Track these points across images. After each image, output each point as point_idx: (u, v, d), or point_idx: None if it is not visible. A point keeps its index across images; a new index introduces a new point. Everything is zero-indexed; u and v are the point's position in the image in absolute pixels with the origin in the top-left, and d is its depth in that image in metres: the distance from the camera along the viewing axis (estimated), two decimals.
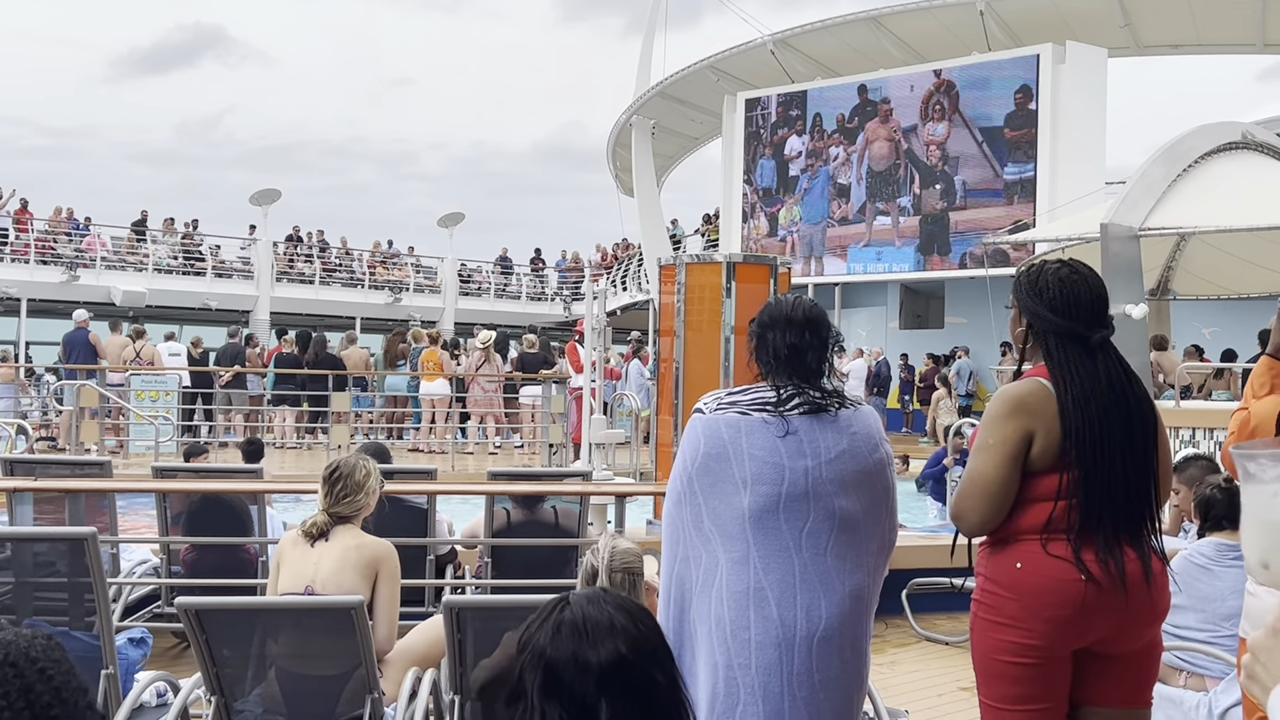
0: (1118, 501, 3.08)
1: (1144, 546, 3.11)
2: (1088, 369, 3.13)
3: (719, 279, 8.83)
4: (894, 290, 27.01)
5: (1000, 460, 3.11)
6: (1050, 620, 3.06)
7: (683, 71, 27.71)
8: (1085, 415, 3.08)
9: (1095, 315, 3.17)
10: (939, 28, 23.80)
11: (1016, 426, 3.12)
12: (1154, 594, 3.10)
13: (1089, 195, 18.05)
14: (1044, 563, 3.07)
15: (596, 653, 1.77)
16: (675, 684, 1.83)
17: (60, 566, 4.92)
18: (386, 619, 4.60)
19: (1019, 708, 3.13)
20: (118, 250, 30.94)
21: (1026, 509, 3.13)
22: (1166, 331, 16.00)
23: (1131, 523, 3.10)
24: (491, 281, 37.58)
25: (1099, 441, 3.07)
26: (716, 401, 3.31)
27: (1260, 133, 14.23)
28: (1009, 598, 3.11)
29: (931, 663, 7.18)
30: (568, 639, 1.78)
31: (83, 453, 14.83)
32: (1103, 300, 3.19)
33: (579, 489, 7.33)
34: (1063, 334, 3.16)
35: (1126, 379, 3.16)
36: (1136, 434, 3.11)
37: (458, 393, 17.96)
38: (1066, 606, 3.05)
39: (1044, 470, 3.11)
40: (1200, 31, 22.58)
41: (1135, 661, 3.17)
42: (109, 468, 7.87)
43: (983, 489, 3.13)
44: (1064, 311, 3.17)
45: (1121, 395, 3.13)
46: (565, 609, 1.82)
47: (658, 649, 1.83)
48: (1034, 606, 3.07)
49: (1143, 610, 3.09)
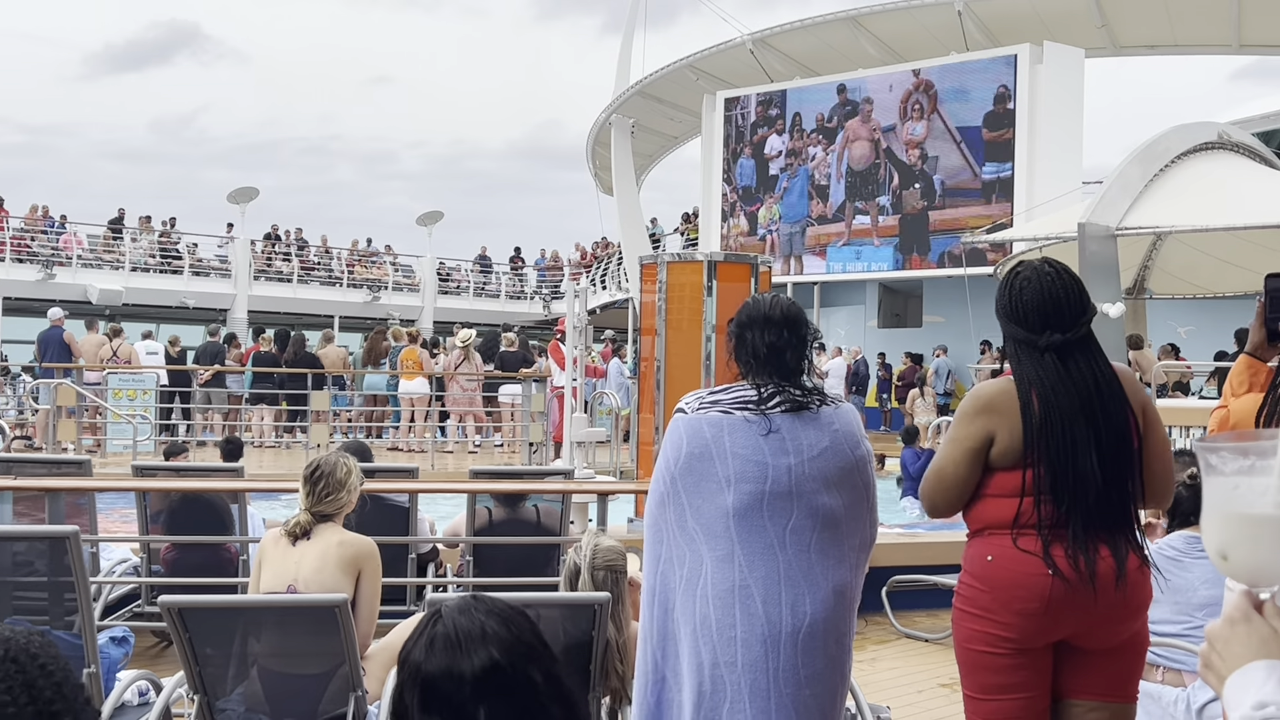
0: (1087, 500, 3.10)
1: (1119, 544, 3.13)
2: (1047, 371, 3.16)
3: (700, 278, 8.84)
4: (872, 289, 27.08)
5: (960, 455, 3.21)
6: (1019, 613, 3.11)
7: (662, 70, 27.72)
8: (1046, 414, 3.12)
9: (1045, 320, 3.19)
10: (917, 28, 23.87)
11: (980, 425, 3.19)
12: (1127, 591, 3.12)
13: (1066, 195, 18.14)
14: (1014, 557, 3.13)
15: (470, 661, 1.78)
16: (555, 679, 1.85)
17: (39, 566, 4.90)
18: (369, 616, 4.61)
19: (998, 698, 3.18)
20: (94, 248, 30.77)
21: (993, 503, 3.19)
22: (1143, 331, 16.10)
23: (1104, 521, 3.12)
24: (470, 280, 37.52)
25: (1061, 440, 3.11)
26: (698, 401, 3.33)
27: (1236, 133, 14.33)
28: (981, 590, 3.18)
29: (911, 659, 7.21)
30: (441, 652, 1.80)
31: (60, 452, 14.74)
32: (1057, 303, 3.19)
33: (561, 487, 7.33)
34: (1018, 340, 3.23)
35: (1095, 381, 3.17)
36: (1104, 434, 3.13)
37: (437, 391, 17.92)
38: (1034, 601, 3.10)
39: (1008, 467, 3.17)
40: (1176, 32, 22.71)
41: (1116, 656, 3.20)
42: (88, 466, 7.83)
43: (939, 479, 3.25)
44: (1014, 317, 3.24)
45: (1087, 397, 3.14)
46: (437, 623, 1.83)
47: (533, 648, 1.85)
48: (1004, 599, 3.13)
49: (1114, 607, 3.12)
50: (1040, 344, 3.17)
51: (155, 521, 6.98)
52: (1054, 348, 3.17)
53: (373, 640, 4.66)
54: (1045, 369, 3.16)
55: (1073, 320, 3.19)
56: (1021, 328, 3.21)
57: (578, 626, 3.73)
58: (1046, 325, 3.18)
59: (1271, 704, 1.30)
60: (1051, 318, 3.18)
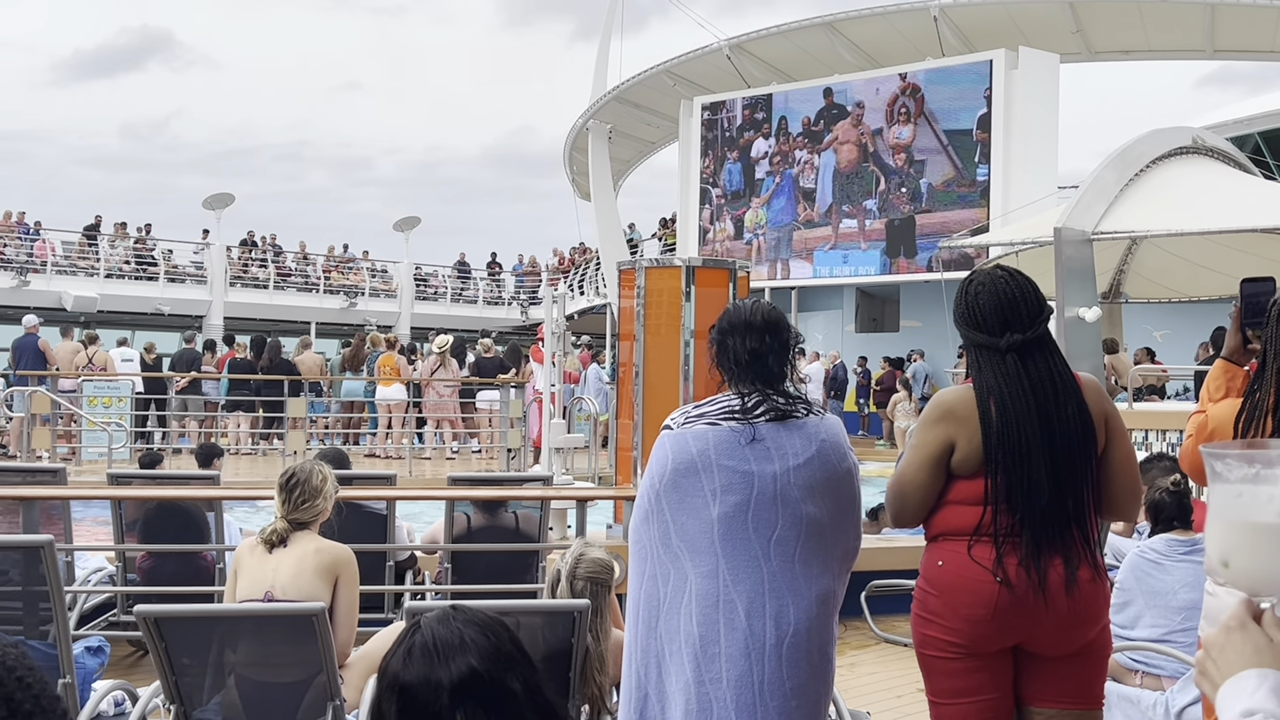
0: (1039, 509, 3.11)
1: (1072, 554, 3.12)
2: (1005, 376, 3.17)
3: (678, 283, 8.83)
4: (850, 294, 27.13)
5: (920, 462, 3.23)
6: (966, 619, 3.14)
7: (639, 76, 27.73)
8: (1003, 422, 3.13)
9: (1004, 321, 3.20)
10: (893, 33, 23.93)
11: (939, 433, 3.21)
12: (1079, 601, 3.11)
13: (1042, 200, 18.22)
14: (963, 563, 3.15)
15: (448, 670, 1.78)
16: (534, 688, 1.85)
17: (14, 575, 4.85)
18: (347, 624, 4.58)
19: (956, 701, 3.21)
20: (69, 255, 30.57)
21: (953, 510, 3.21)
22: (1119, 335, 16.17)
23: (1057, 529, 3.12)
24: (448, 286, 37.43)
25: (1015, 449, 3.12)
26: (684, 416, 3.32)
27: (1210, 137, 14.42)
28: (932, 594, 3.21)
29: (891, 664, 7.22)
30: (419, 661, 1.80)
31: (34, 460, 14.64)
32: (1014, 304, 3.21)
33: (540, 494, 7.32)
34: (978, 344, 3.24)
35: (1053, 386, 3.17)
36: (1059, 442, 3.13)
37: (415, 398, 17.87)
38: (980, 607, 3.12)
39: (968, 475, 3.18)
40: (1150, 37, 22.84)
41: (1075, 662, 3.20)
42: (63, 474, 7.76)
43: (901, 486, 3.27)
44: (972, 322, 3.26)
45: (1044, 403, 3.15)
46: (416, 633, 1.83)
47: (512, 656, 1.85)
48: (952, 604, 3.15)
49: (1064, 617, 3.11)
50: (1001, 345, 3.19)
51: (131, 530, 6.93)
52: (1014, 348, 3.18)
53: (352, 648, 4.64)
54: (1006, 372, 3.17)
55: (1030, 320, 3.20)
56: (981, 332, 3.22)
57: (556, 634, 3.71)
58: (1006, 327, 3.19)
59: (1259, 712, 1.31)
60: (1010, 319, 3.20)
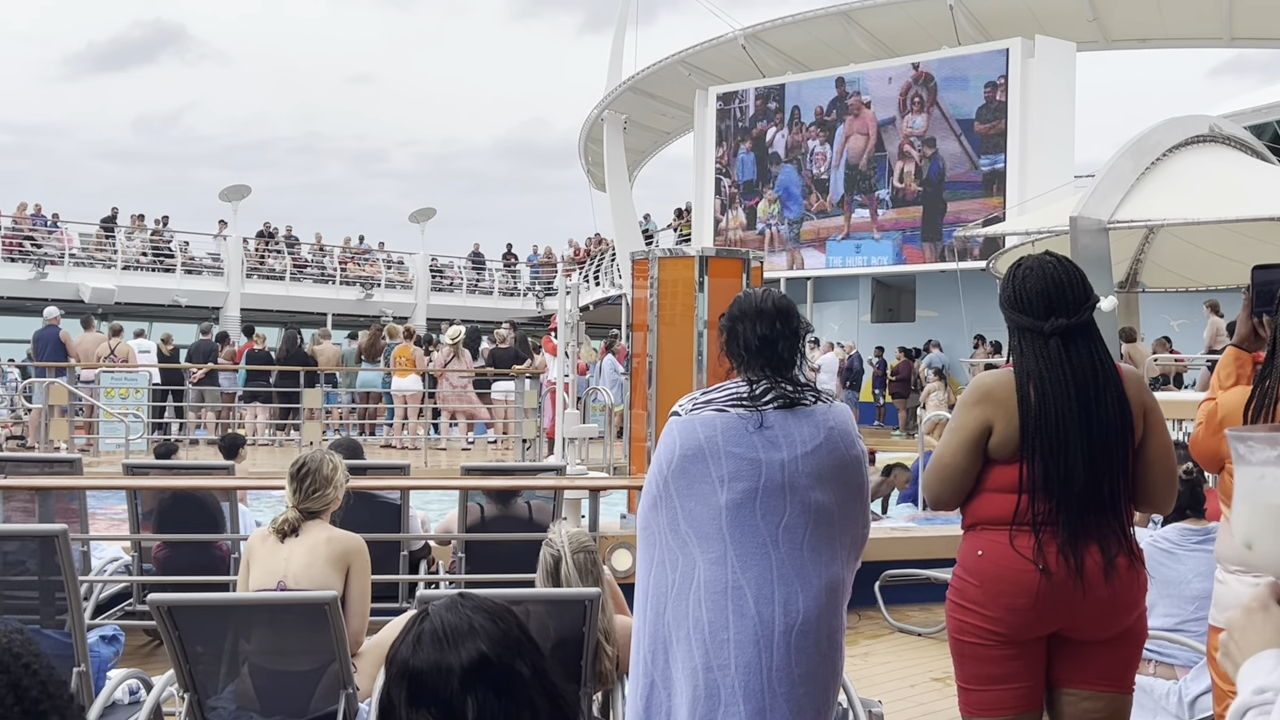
0: (1076, 496, 3.11)
1: (1109, 541, 3.13)
2: (1048, 361, 3.16)
3: (692, 273, 8.82)
4: (865, 284, 27.08)
5: (958, 445, 3.23)
6: (1007, 608, 3.13)
7: (654, 66, 27.69)
8: (1042, 407, 3.13)
9: (1049, 306, 3.19)
10: (909, 22, 23.85)
11: (978, 415, 3.21)
12: (1117, 588, 3.12)
13: (1059, 189, 18.14)
14: (1003, 552, 3.14)
15: (458, 655, 1.80)
16: (542, 672, 1.87)
17: (30, 565, 4.88)
18: (359, 613, 4.60)
19: (989, 688, 3.21)
20: (86, 247, 30.69)
21: (991, 498, 3.20)
22: (1135, 324, 16.11)
23: (1093, 515, 3.12)
24: (464, 277, 37.48)
25: (1053, 434, 3.12)
26: (692, 403, 3.32)
27: (1227, 126, 14.34)
28: (972, 583, 3.20)
29: (905, 653, 7.22)
30: (429, 647, 1.81)
31: (52, 451, 14.72)
32: (1060, 289, 3.20)
33: (552, 483, 7.33)
34: (1022, 328, 3.23)
35: (1094, 373, 3.16)
36: (1096, 429, 3.13)
37: (430, 389, 17.91)
38: (1021, 596, 3.12)
39: (1005, 460, 3.18)
40: (1167, 25, 22.71)
41: (1111, 647, 3.20)
42: (79, 465, 7.80)
43: (939, 468, 3.27)
44: (1016, 305, 3.25)
45: (1084, 389, 3.14)
46: (425, 620, 1.85)
47: (520, 641, 1.87)
48: (992, 593, 3.15)
49: (1103, 603, 3.12)
50: (1045, 329, 3.18)
51: (147, 520, 6.96)
52: (1058, 332, 3.17)
53: (364, 637, 4.66)
54: (1048, 356, 3.16)
55: (1076, 306, 3.20)
56: (1027, 315, 3.21)
57: (565, 622, 3.72)
58: (1051, 311, 3.19)
59: (1270, 689, 1.31)
60: (1055, 304, 3.19)
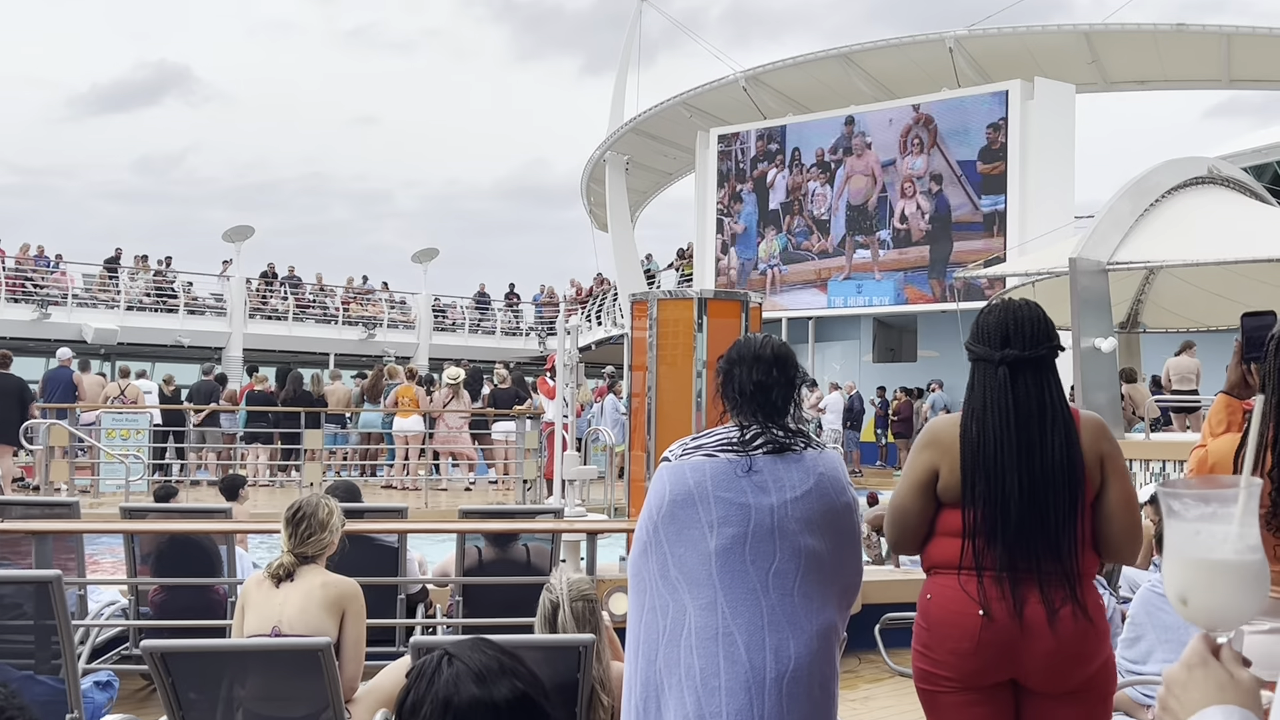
0: (1012, 532, 3.09)
1: (1051, 588, 3.07)
2: (993, 391, 3.17)
3: (691, 314, 8.85)
4: (867, 324, 27.13)
5: (907, 489, 3.26)
6: (952, 652, 3.13)
7: (655, 108, 27.87)
8: (981, 439, 3.14)
9: (1005, 338, 3.21)
10: (909, 64, 24.02)
11: (925, 459, 3.24)
12: (1062, 638, 3.06)
13: (1059, 229, 18.20)
14: (950, 596, 3.15)
15: (500, 691, 1.87)
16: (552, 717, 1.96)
17: (27, 609, 4.87)
18: (353, 659, 4.58)
19: None
20: (89, 287, 30.79)
21: (942, 541, 3.22)
22: (1137, 364, 16.12)
23: (1034, 560, 3.08)
24: (466, 317, 37.56)
25: (991, 467, 3.12)
26: (682, 448, 3.32)
27: (1226, 167, 14.40)
28: (922, 627, 3.22)
29: (905, 698, 7.17)
30: (469, 684, 1.87)
31: (53, 492, 14.71)
32: (1019, 324, 3.21)
33: (549, 526, 7.32)
34: (977, 358, 3.26)
35: (1040, 409, 3.15)
36: (1036, 466, 3.11)
37: (431, 429, 17.91)
38: (964, 640, 3.11)
39: (953, 503, 3.19)
40: (1166, 67, 22.86)
41: (1076, 701, 3.15)
42: (76, 508, 7.80)
43: (892, 512, 3.31)
44: (975, 336, 3.28)
45: (1026, 423, 3.13)
46: (453, 661, 1.90)
47: (543, 686, 1.96)
48: (940, 636, 3.16)
49: (1049, 653, 3.07)
50: (995, 358, 3.19)
51: (145, 563, 6.95)
52: (1008, 363, 3.18)
53: (359, 683, 4.64)
54: (994, 385, 3.17)
55: (1032, 342, 3.20)
56: (983, 345, 3.24)
57: (559, 669, 3.71)
58: (1006, 343, 3.20)
59: None
60: (1012, 337, 3.20)
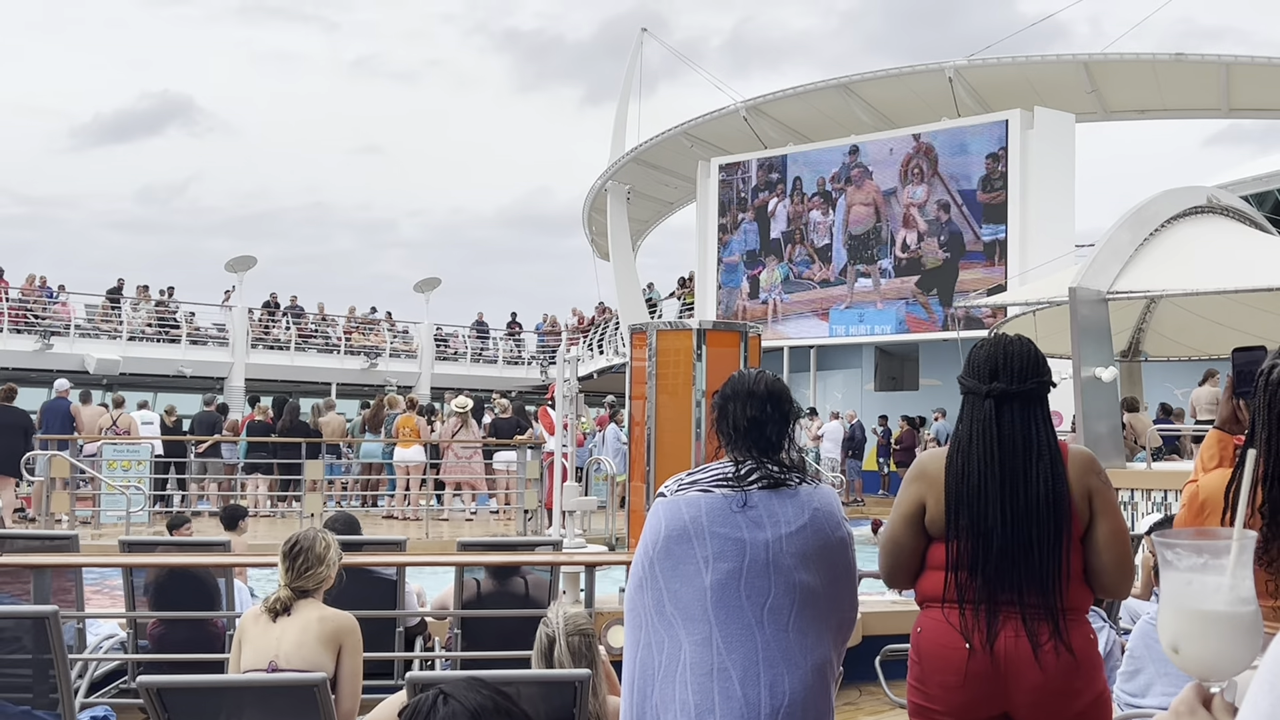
0: (993, 563, 3.10)
1: (1035, 622, 3.08)
2: (979, 423, 3.21)
3: (690, 344, 8.86)
4: (869, 353, 27.13)
5: (896, 522, 3.30)
6: (940, 685, 3.15)
7: (657, 138, 27.98)
8: (965, 469, 3.18)
9: (994, 371, 3.24)
10: (909, 93, 24.12)
11: (913, 492, 3.28)
12: (1048, 672, 3.07)
13: (1060, 258, 18.23)
14: (938, 629, 3.18)
15: None
16: None
17: (25, 643, 4.87)
18: (350, 694, 4.57)
19: None
20: (91, 318, 30.85)
21: (931, 575, 3.24)
22: (1139, 393, 16.11)
23: (1016, 593, 3.09)
24: (468, 346, 37.60)
25: (974, 496, 3.15)
26: (677, 484, 3.32)
27: (1225, 196, 14.44)
28: (914, 660, 3.25)
29: None
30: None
31: (53, 524, 14.69)
32: (1009, 358, 3.24)
33: (547, 559, 7.30)
34: (966, 391, 3.30)
35: (1025, 441, 3.17)
36: (1020, 497, 3.12)
37: (433, 459, 17.89)
38: (951, 673, 3.13)
39: (940, 537, 3.22)
40: (1166, 97, 22.95)
41: None
42: (75, 542, 7.79)
43: (884, 546, 3.35)
44: (966, 370, 3.32)
45: (1010, 454, 3.15)
46: (448, 700, 1.91)
47: None
48: (929, 669, 3.18)
49: (1035, 688, 3.08)
50: (983, 391, 3.23)
51: (144, 596, 6.94)
52: (994, 395, 3.21)
53: (356, 717, 4.63)
54: (980, 416, 3.21)
55: (1022, 376, 3.23)
56: (972, 378, 3.27)
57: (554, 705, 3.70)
58: (994, 376, 3.24)
59: None
60: (1000, 370, 3.24)
